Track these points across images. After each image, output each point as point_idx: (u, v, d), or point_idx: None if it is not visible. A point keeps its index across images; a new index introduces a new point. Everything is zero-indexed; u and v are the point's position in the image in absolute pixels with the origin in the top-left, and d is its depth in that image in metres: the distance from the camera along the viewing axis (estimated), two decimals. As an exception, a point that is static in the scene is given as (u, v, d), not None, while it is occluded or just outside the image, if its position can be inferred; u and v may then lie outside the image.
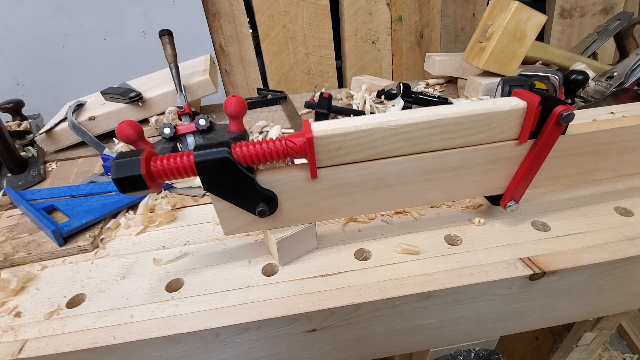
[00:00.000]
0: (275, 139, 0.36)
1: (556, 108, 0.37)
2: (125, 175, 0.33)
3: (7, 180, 0.67)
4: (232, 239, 0.48)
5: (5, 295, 0.41)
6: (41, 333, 0.37)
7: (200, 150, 0.35)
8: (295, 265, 0.43)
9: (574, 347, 0.61)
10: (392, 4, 1.37)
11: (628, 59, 0.75)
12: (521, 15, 0.74)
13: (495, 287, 0.40)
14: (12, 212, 0.56)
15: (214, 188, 0.37)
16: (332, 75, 1.44)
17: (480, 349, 0.52)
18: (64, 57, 1.21)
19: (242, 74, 1.41)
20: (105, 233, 0.51)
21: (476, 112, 0.37)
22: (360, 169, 0.39)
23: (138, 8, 1.20)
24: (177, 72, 0.76)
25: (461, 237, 0.45)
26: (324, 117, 0.75)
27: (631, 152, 0.45)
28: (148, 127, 0.80)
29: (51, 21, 1.15)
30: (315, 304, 0.38)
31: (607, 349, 1.15)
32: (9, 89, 1.21)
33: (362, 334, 0.42)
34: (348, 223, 0.49)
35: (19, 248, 0.48)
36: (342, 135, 0.36)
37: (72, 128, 0.75)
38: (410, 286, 0.39)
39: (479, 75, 0.84)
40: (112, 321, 0.38)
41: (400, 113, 0.37)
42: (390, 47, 1.45)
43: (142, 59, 1.25)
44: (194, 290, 0.41)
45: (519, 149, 0.41)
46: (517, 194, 0.44)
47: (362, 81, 0.94)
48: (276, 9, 1.29)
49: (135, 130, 0.50)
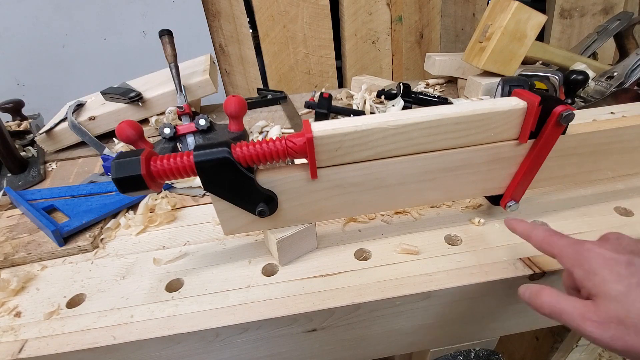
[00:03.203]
0: (275, 139, 0.36)
1: (556, 108, 0.37)
2: (125, 175, 0.33)
3: (7, 180, 0.67)
4: (232, 239, 0.48)
5: (5, 295, 0.41)
6: (41, 333, 0.37)
7: (200, 150, 0.35)
8: (295, 265, 0.43)
9: (574, 347, 0.61)
10: (392, 4, 1.37)
11: (628, 59, 0.75)
12: (521, 15, 0.74)
13: (495, 287, 0.40)
14: (12, 212, 0.56)
15: (214, 188, 0.37)
16: (332, 75, 1.44)
17: (480, 349, 0.52)
18: (64, 57, 1.21)
19: (242, 74, 1.40)
20: (105, 233, 0.51)
21: (476, 112, 0.37)
22: (360, 169, 0.39)
23: (138, 8, 1.19)
24: (177, 72, 0.76)
25: (461, 237, 0.45)
26: (324, 117, 0.75)
27: (631, 152, 0.45)
28: (148, 127, 0.80)
29: (51, 21, 1.15)
30: (315, 304, 0.38)
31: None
32: (9, 89, 1.21)
33: (362, 334, 0.42)
34: (348, 223, 0.49)
35: (19, 248, 0.48)
36: (342, 135, 0.36)
37: (72, 128, 0.75)
38: (410, 286, 0.39)
39: (479, 75, 0.84)
40: (112, 321, 0.38)
41: (400, 113, 0.37)
42: (390, 47, 1.44)
43: (142, 59, 1.24)
44: (194, 290, 0.41)
45: (519, 149, 0.41)
46: (517, 194, 0.44)
47: (362, 81, 0.94)
48: (276, 9, 1.29)
49: (135, 130, 0.50)
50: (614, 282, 0.27)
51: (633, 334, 0.25)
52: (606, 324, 0.26)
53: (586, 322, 0.27)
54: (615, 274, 0.27)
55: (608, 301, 0.26)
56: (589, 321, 0.27)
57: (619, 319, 0.26)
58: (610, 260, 0.28)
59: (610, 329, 0.26)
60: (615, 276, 0.27)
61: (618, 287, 0.26)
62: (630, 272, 0.26)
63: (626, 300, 0.26)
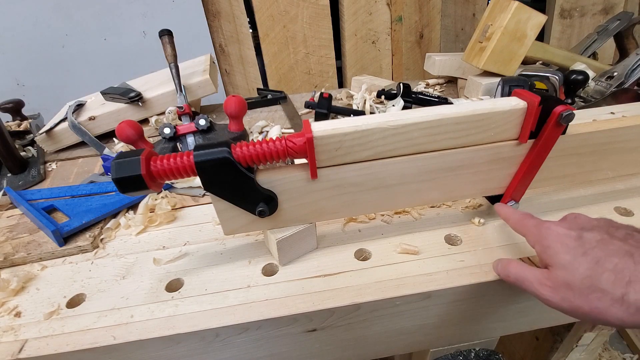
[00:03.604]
0: (275, 139, 0.36)
1: (556, 108, 0.37)
2: (125, 175, 0.33)
3: (7, 180, 0.67)
4: (232, 239, 0.48)
5: (5, 295, 0.41)
6: (41, 333, 0.37)
7: (200, 150, 0.35)
8: (295, 265, 0.43)
9: (574, 347, 0.61)
10: (392, 4, 1.37)
11: (628, 59, 0.75)
12: (521, 15, 0.74)
13: (495, 287, 0.40)
14: (12, 212, 0.56)
15: (214, 188, 0.37)
16: (332, 75, 1.44)
17: (480, 349, 0.52)
18: (64, 57, 1.21)
19: (242, 74, 1.40)
20: (105, 233, 0.51)
21: (476, 112, 0.37)
22: (360, 169, 0.39)
23: (138, 8, 1.19)
24: (177, 72, 0.76)
25: (461, 237, 0.45)
26: (324, 117, 0.75)
27: (631, 152, 0.45)
28: (148, 127, 0.80)
29: (51, 21, 1.15)
30: (315, 304, 0.38)
31: (607, 349, 1.15)
32: (9, 89, 1.21)
33: (362, 334, 0.42)
34: (348, 223, 0.49)
35: (19, 248, 0.48)
36: (342, 135, 0.36)
37: (72, 128, 0.75)
38: (410, 286, 0.39)
39: (479, 75, 0.84)
40: (112, 321, 0.38)
41: (400, 113, 0.37)
42: (390, 47, 1.44)
43: (142, 59, 1.24)
44: (194, 290, 0.41)
45: (519, 149, 0.41)
46: (517, 194, 0.44)
47: (362, 81, 0.94)
48: (276, 9, 1.29)
49: (135, 130, 0.50)
50: (563, 253, 0.31)
51: (577, 296, 0.29)
52: (557, 288, 0.30)
53: (542, 287, 0.32)
54: (564, 247, 0.31)
55: (558, 269, 0.31)
56: (544, 286, 0.32)
57: (567, 284, 0.30)
58: (562, 236, 0.32)
59: (560, 292, 0.30)
60: (565, 248, 0.31)
61: (566, 257, 0.30)
62: (578, 245, 0.31)
63: (572, 267, 0.30)
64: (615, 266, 0.28)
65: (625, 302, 0.27)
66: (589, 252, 0.30)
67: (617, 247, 0.29)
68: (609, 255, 0.29)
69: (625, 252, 0.28)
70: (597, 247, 0.30)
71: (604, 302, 0.28)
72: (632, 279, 0.27)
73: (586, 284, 0.29)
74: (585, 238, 0.31)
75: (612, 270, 0.28)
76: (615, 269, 0.28)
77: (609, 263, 0.28)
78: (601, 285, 0.28)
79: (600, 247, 0.29)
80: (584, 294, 0.29)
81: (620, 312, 0.27)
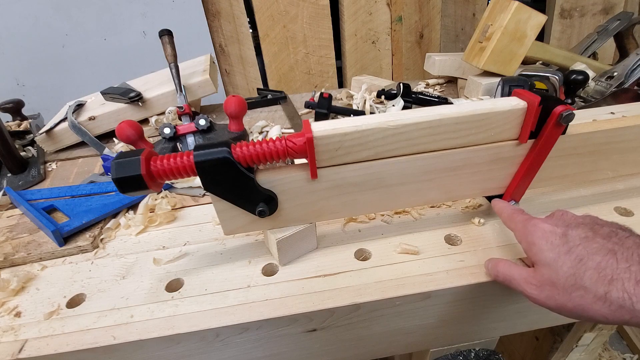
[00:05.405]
0: (275, 139, 0.36)
1: (556, 108, 0.37)
2: (125, 175, 0.33)
3: (7, 180, 0.67)
4: (232, 239, 0.48)
5: (5, 295, 0.41)
6: (41, 333, 0.37)
7: (200, 150, 0.35)
8: (295, 265, 0.43)
9: (574, 347, 0.61)
10: (392, 4, 1.37)
11: (628, 59, 0.75)
12: (521, 15, 0.74)
13: (495, 287, 0.40)
14: (12, 212, 0.56)
15: (214, 188, 0.37)
16: (332, 75, 1.44)
17: (480, 349, 0.52)
18: (64, 57, 1.21)
19: (242, 74, 1.40)
20: (105, 233, 0.51)
21: (476, 112, 0.37)
22: (360, 169, 0.39)
23: (138, 8, 1.19)
24: (177, 72, 0.76)
25: (461, 237, 0.45)
26: (324, 117, 0.75)
27: (631, 152, 0.45)
28: (148, 127, 0.80)
29: (51, 21, 1.15)
30: (315, 304, 0.38)
31: (607, 349, 1.15)
32: (9, 89, 1.21)
33: (362, 334, 0.42)
34: (348, 223, 0.49)
35: (19, 248, 0.48)
36: (342, 135, 0.36)
37: (72, 128, 0.75)
38: (410, 286, 0.39)
39: (479, 75, 0.84)
40: (112, 321, 0.38)
41: (400, 113, 0.37)
42: (390, 47, 1.44)
43: (142, 59, 1.24)
44: (194, 290, 0.41)
45: (519, 149, 0.41)
46: (517, 194, 0.44)
47: (362, 81, 0.94)
48: (276, 9, 1.29)
49: (135, 130, 0.50)
50: (547, 251, 0.31)
51: (562, 293, 0.29)
52: (542, 286, 0.31)
53: (528, 285, 0.32)
54: (549, 244, 0.31)
55: (543, 267, 0.31)
56: (529, 284, 0.32)
57: (551, 282, 0.30)
58: (547, 233, 0.32)
59: (545, 290, 0.31)
60: (549, 245, 0.31)
61: (550, 254, 0.31)
62: (562, 242, 0.31)
63: (555, 265, 0.30)
64: (598, 264, 0.28)
65: (608, 300, 0.27)
66: (573, 250, 0.30)
67: (601, 245, 0.29)
68: (592, 253, 0.29)
69: (609, 251, 0.29)
70: (581, 244, 0.30)
71: (587, 300, 0.28)
72: (614, 277, 0.27)
73: (570, 282, 0.29)
74: (569, 235, 0.31)
75: (594, 268, 0.28)
76: (598, 267, 0.28)
77: (592, 261, 0.29)
78: (584, 284, 0.28)
79: (584, 244, 0.30)
80: (567, 292, 0.29)
81: (603, 309, 0.27)
